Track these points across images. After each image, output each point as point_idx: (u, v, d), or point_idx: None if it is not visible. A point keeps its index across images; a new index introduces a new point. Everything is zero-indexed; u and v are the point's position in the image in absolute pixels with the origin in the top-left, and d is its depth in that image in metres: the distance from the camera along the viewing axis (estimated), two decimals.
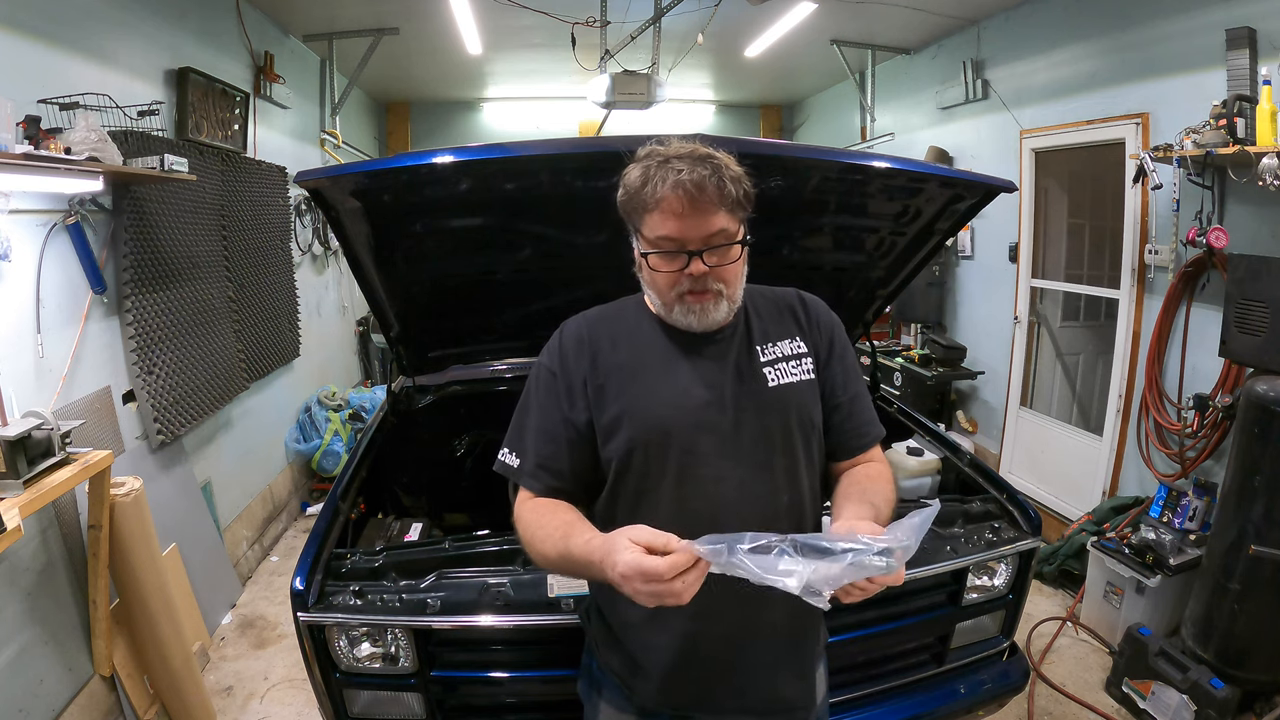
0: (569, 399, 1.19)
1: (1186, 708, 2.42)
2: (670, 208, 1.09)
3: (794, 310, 1.28)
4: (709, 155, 1.11)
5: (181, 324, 3.06)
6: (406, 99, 7.54)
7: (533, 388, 1.24)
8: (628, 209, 1.16)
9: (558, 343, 1.24)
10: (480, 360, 2.83)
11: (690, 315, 1.16)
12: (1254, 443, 2.40)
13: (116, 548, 2.30)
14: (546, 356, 1.25)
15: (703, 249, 1.11)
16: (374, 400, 4.85)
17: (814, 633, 1.30)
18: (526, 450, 1.20)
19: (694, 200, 1.08)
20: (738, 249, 1.14)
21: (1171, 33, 3.13)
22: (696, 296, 1.14)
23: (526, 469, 1.20)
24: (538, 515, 1.15)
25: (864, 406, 1.29)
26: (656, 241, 1.13)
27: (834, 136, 6.86)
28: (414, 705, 1.69)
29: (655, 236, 1.12)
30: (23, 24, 2.26)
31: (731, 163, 1.13)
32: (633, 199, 1.13)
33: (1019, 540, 1.90)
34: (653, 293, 1.20)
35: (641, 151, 1.16)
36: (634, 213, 1.15)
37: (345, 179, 1.80)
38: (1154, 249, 3.28)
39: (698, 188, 1.08)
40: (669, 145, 1.14)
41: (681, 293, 1.14)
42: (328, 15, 4.55)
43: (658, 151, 1.13)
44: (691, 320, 1.16)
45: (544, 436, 1.20)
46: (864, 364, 1.90)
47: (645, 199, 1.11)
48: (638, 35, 4.40)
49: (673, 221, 1.10)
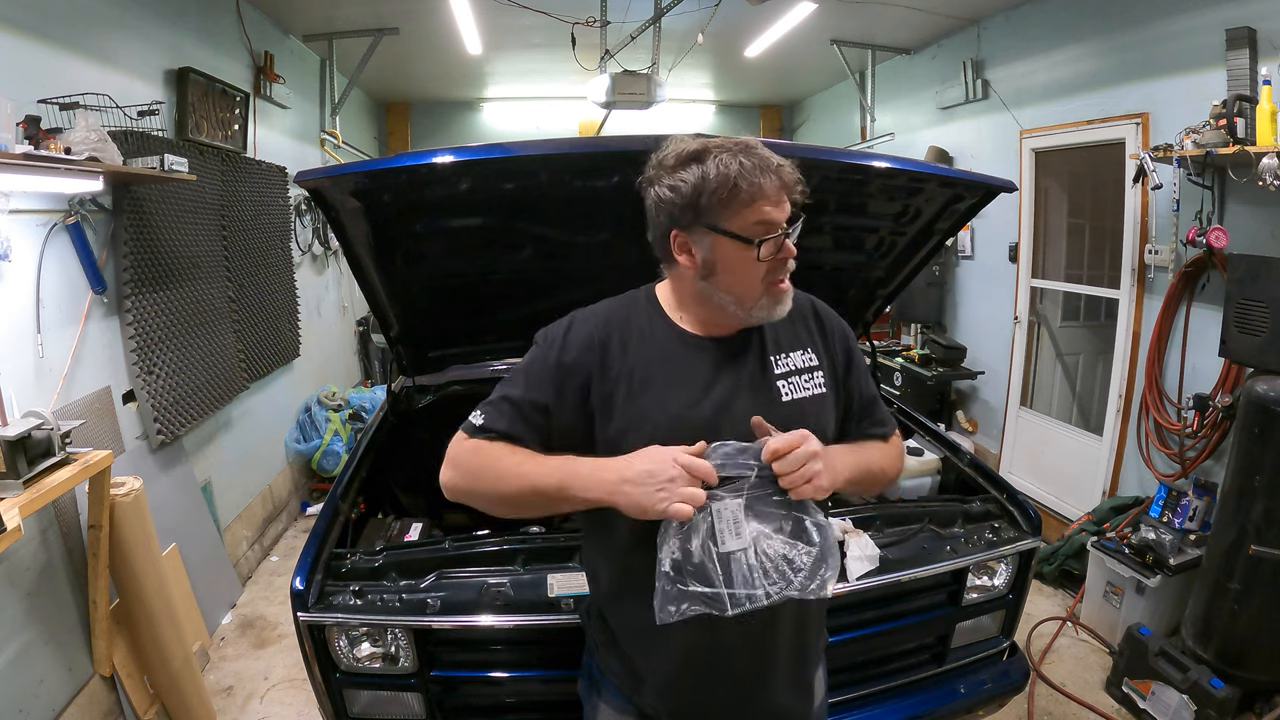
0: (558, 391, 1.15)
1: (1186, 708, 2.42)
2: (771, 194, 1.10)
3: (807, 320, 1.26)
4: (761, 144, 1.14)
5: (181, 324, 3.06)
6: (406, 99, 7.53)
7: (527, 363, 1.19)
8: (712, 205, 1.10)
9: (563, 334, 1.18)
10: (480, 360, 2.83)
11: (777, 305, 1.15)
12: (1254, 443, 2.40)
13: (116, 548, 2.30)
14: (547, 342, 1.19)
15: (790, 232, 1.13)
16: (374, 400, 4.85)
17: (815, 643, 1.29)
18: (499, 418, 1.15)
19: (786, 185, 1.11)
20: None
21: (1171, 33, 3.13)
22: (782, 285, 1.15)
23: (493, 432, 1.14)
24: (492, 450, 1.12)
25: (880, 407, 1.32)
26: (754, 228, 1.10)
27: (834, 136, 6.86)
28: (414, 705, 1.69)
29: (757, 222, 1.10)
30: (23, 24, 2.26)
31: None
32: (723, 194, 1.09)
33: (1019, 540, 1.90)
34: (738, 290, 1.14)
35: (675, 152, 1.13)
36: (718, 205, 1.10)
37: (345, 179, 1.80)
38: (1154, 249, 3.28)
39: (788, 173, 1.11)
40: (715, 139, 1.14)
41: (773, 280, 1.14)
42: (328, 15, 4.55)
43: (708, 146, 1.12)
44: (778, 310, 1.16)
45: (519, 411, 1.15)
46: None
47: (746, 189, 1.08)
48: (638, 35, 4.40)
49: (772, 208, 1.10)
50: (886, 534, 1.84)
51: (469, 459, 1.14)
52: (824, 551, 1.07)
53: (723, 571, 1.03)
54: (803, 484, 1.05)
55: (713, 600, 1.03)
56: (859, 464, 1.19)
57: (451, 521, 2.82)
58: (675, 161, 1.12)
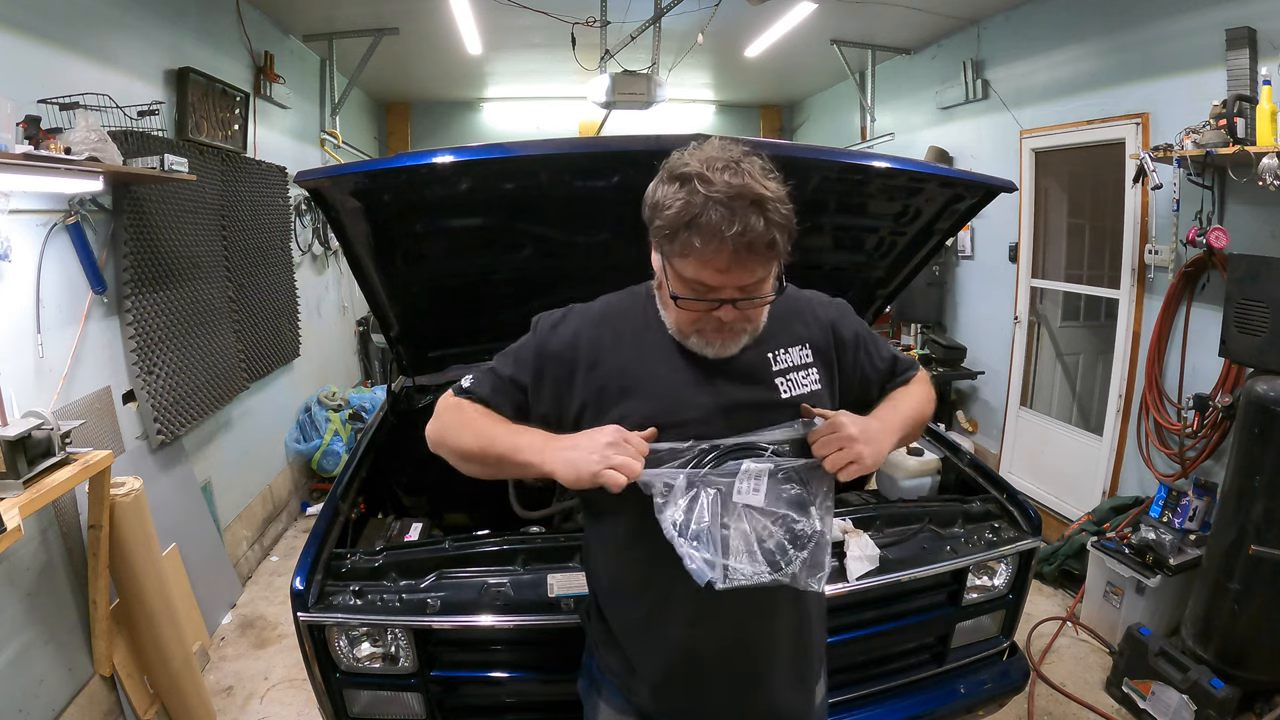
0: (536, 378, 1.19)
1: (1186, 708, 2.42)
2: (713, 262, 1.00)
3: (802, 315, 1.25)
4: (760, 198, 0.97)
5: (181, 324, 3.06)
6: (406, 99, 7.53)
7: (517, 346, 1.24)
8: (659, 235, 1.05)
9: (553, 325, 1.22)
10: (480, 360, 2.81)
11: (708, 347, 1.12)
12: (1254, 443, 2.40)
13: (116, 548, 2.30)
14: (540, 328, 1.23)
15: (736, 299, 1.04)
16: (374, 400, 4.85)
17: (815, 641, 1.29)
18: (484, 386, 1.21)
19: (739, 257, 0.99)
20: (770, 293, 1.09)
21: (1171, 33, 3.13)
22: (718, 334, 1.10)
23: (476, 395, 1.20)
24: (470, 409, 1.18)
25: (900, 360, 1.34)
26: (690, 284, 1.04)
27: (834, 136, 6.86)
28: (414, 705, 1.69)
29: (689, 279, 1.03)
30: (23, 24, 2.26)
31: (780, 193, 1.01)
32: (670, 233, 1.01)
33: (1019, 540, 1.90)
34: (669, 317, 1.14)
35: (677, 163, 1.03)
36: (667, 243, 1.03)
37: (345, 179, 1.80)
38: (1154, 249, 3.28)
39: (748, 246, 0.97)
40: (704, 150, 1.03)
41: (702, 329, 1.10)
42: (328, 15, 4.55)
43: (699, 174, 0.99)
44: (708, 351, 1.12)
45: (504, 386, 1.20)
46: None
47: (687, 241, 0.99)
48: (638, 35, 4.40)
49: (710, 273, 1.01)
50: (886, 534, 1.84)
51: (450, 414, 1.20)
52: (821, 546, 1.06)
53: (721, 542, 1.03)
54: (846, 464, 1.05)
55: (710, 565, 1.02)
56: (902, 422, 1.20)
57: (451, 521, 2.83)
58: (667, 171, 1.06)
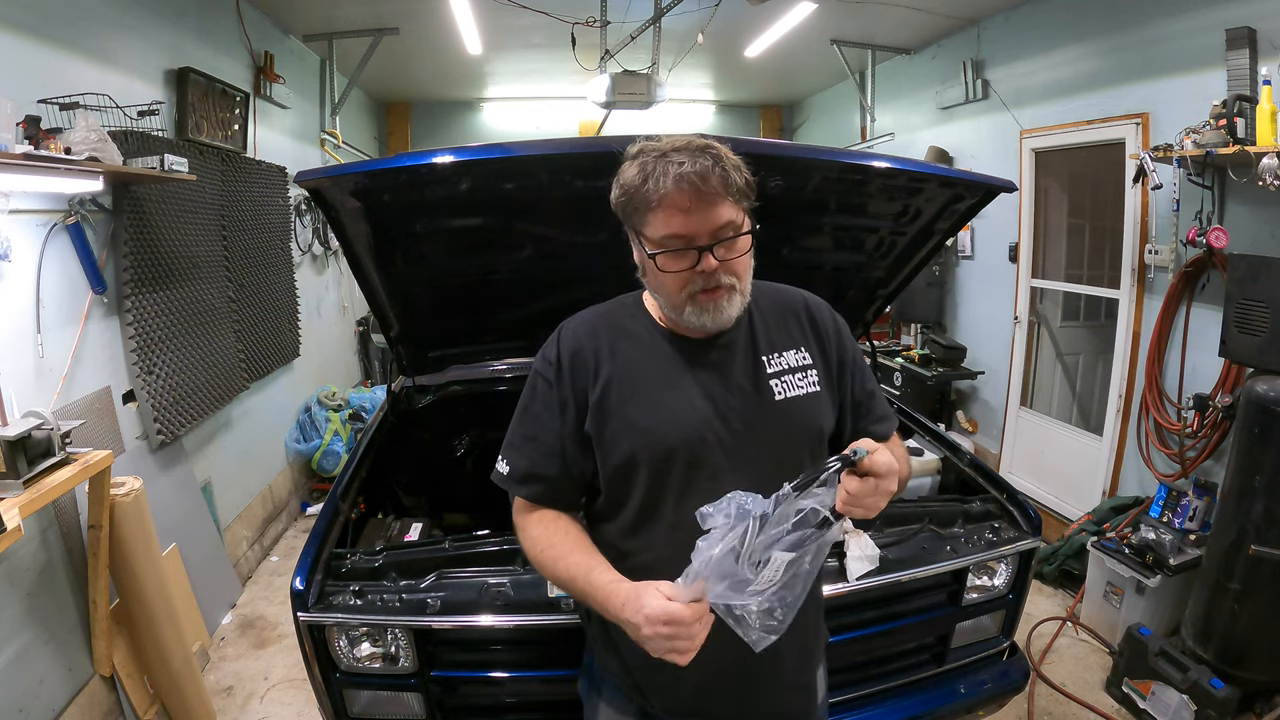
0: (562, 411, 1.17)
1: (1186, 708, 2.42)
2: (675, 203, 1.04)
3: (799, 317, 1.24)
4: (707, 145, 1.06)
5: (181, 324, 3.06)
6: (406, 99, 7.53)
7: (529, 396, 1.22)
8: (627, 209, 1.10)
9: (555, 351, 1.20)
10: (480, 360, 2.83)
11: (704, 315, 1.10)
12: (1254, 443, 2.40)
13: (116, 548, 2.30)
14: (543, 364, 1.20)
15: (712, 244, 1.06)
16: (374, 400, 4.85)
17: (816, 642, 1.29)
18: (519, 458, 1.19)
19: (699, 193, 1.03)
20: (747, 240, 1.10)
21: (1171, 33, 3.13)
22: (709, 295, 1.09)
23: (517, 476, 1.19)
24: (544, 529, 1.15)
25: (880, 401, 1.30)
26: (663, 241, 1.07)
27: (834, 136, 6.86)
28: (414, 705, 1.69)
29: (661, 235, 1.06)
30: (23, 24, 2.26)
31: (729, 152, 1.08)
32: (632, 198, 1.07)
33: (1019, 540, 1.90)
34: (661, 296, 1.14)
35: (634, 148, 1.10)
36: (635, 212, 1.09)
37: (345, 179, 1.80)
38: (1154, 249, 3.28)
39: (701, 179, 1.02)
40: (663, 140, 1.09)
41: (694, 292, 1.09)
42: (328, 15, 4.55)
43: (653, 146, 1.08)
44: (706, 320, 1.10)
45: (537, 446, 1.18)
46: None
47: (647, 196, 1.05)
48: (638, 35, 4.40)
49: (679, 217, 1.04)
50: (886, 534, 1.84)
51: (525, 539, 1.20)
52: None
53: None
54: (873, 510, 1.05)
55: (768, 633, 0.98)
56: (903, 475, 1.17)
57: (451, 521, 2.83)
58: (625, 159, 1.11)
